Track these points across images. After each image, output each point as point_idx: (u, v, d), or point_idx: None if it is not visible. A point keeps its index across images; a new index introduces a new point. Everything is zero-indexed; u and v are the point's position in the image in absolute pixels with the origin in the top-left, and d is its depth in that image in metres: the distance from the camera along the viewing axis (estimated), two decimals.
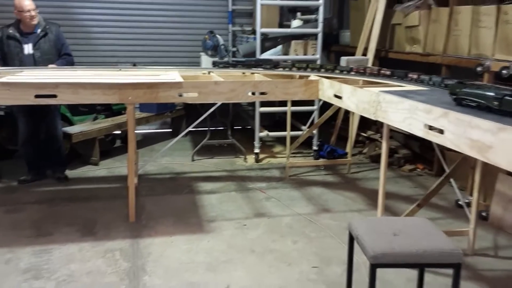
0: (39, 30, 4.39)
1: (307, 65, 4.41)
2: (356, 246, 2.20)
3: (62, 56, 4.51)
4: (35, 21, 4.35)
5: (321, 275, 3.01)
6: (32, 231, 3.58)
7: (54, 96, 3.43)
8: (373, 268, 1.79)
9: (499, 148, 1.98)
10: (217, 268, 3.07)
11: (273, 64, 4.50)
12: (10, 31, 4.33)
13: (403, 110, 2.70)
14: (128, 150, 3.72)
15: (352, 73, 4.10)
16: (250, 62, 4.62)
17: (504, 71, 3.80)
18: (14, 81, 3.40)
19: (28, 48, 4.34)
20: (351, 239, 2.03)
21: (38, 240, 3.43)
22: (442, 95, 2.76)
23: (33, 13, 4.31)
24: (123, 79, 3.61)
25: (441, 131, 2.36)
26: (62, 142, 4.76)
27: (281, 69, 4.45)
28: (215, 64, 4.65)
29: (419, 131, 2.55)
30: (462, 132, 2.20)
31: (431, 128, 2.46)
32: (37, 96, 3.41)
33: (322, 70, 4.28)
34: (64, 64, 4.46)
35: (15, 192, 4.41)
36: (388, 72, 3.79)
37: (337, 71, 4.20)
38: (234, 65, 4.60)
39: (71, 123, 5.29)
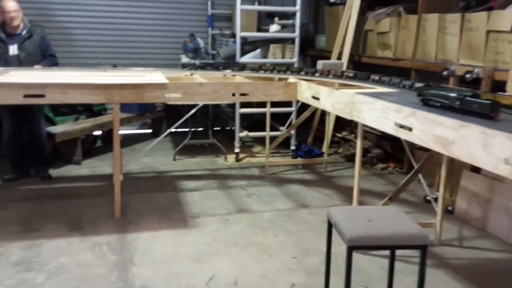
0: (24, 32, 4.48)
1: (274, 67, 4.61)
2: (332, 237, 2.41)
3: (47, 57, 4.61)
4: (15, 23, 4.42)
5: (301, 265, 3.21)
6: (20, 227, 3.67)
7: (42, 96, 3.55)
8: (350, 250, 2.01)
9: (460, 142, 2.22)
10: (202, 260, 3.24)
11: (239, 66, 4.67)
12: None
13: (376, 110, 2.93)
14: (113, 148, 3.85)
15: (317, 74, 4.34)
16: (218, 64, 4.75)
17: (467, 75, 4.10)
18: (3, 81, 3.50)
19: (13, 49, 4.43)
20: (330, 226, 2.24)
21: (27, 235, 3.53)
22: (411, 96, 3.00)
23: (13, 14, 4.38)
24: (110, 80, 3.74)
25: (409, 129, 2.59)
26: (46, 142, 4.85)
27: (248, 71, 4.61)
28: (184, 66, 4.72)
29: (390, 129, 2.79)
30: (428, 129, 2.44)
31: (401, 126, 2.69)
32: (26, 96, 3.51)
33: (288, 72, 4.50)
34: (48, 65, 4.56)
35: (0, 190, 4.47)
36: (351, 74, 4.08)
37: (303, 73, 4.43)
38: (203, 67, 4.69)
39: (53, 123, 5.37)
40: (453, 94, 2.43)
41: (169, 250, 3.37)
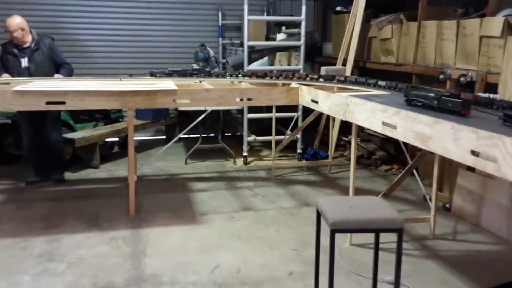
0: (32, 45, 4.80)
1: (239, 72, 4.91)
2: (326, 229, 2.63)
3: (62, 66, 4.92)
4: (18, 41, 4.72)
5: (299, 256, 3.45)
6: (43, 224, 3.99)
7: (63, 102, 3.87)
8: (333, 233, 2.24)
9: (436, 138, 2.45)
10: (208, 251, 3.51)
11: (207, 73, 4.90)
12: (9, 46, 4.79)
13: (366, 110, 3.17)
14: (128, 149, 4.16)
15: (282, 77, 4.73)
16: (186, 71, 4.93)
17: (462, 78, 4.31)
18: (27, 89, 3.83)
19: (24, 62, 4.75)
20: (318, 214, 2.48)
21: (48, 231, 3.85)
22: (399, 98, 3.23)
23: (15, 34, 4.67)
24: (124, 88, 4.06)
25: (394, 127, 2.83)
26: (62, 147, 5.14)
27: (214, 77, 4.87)
28: (152, 74, 4.87)
29: (378, 128, 3.02)
30: (410, 126, 2.67)
31: (387, 124, 2.92)
32: (48, 103, 3.84)
33: (253, 77, 4.80)
34: (67, 73, 4.88)
35: (24, 192, 4.82)
36: (315, 76, 4.58)
37: (268, 78, 4.79)
38: (170, 74, 4.88)
39: (73, 130, 5.71)
40: (432, 94, 2.66)
41: (178, 243, 3.64)
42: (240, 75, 4.93)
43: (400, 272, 2.33)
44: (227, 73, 4.96)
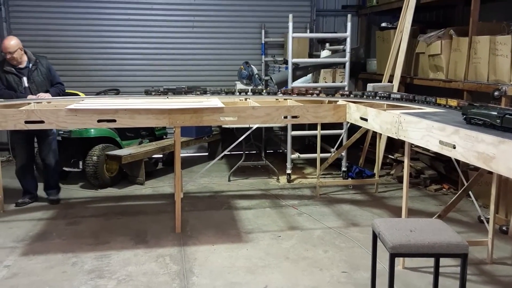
0: (30, 65, 4.81)
1: (235, 90, 4.91)
2: (379, 252, 2.54)
3: (55, 85, 4.93)
4: (14, 62, 4.71)
5: (350, 279, 3.34)
6: (92, 240, 4.04)
7: (114, 120, 3.95)
8: (392, 257, 2.15)
9: (500, 158, 2.33)
10: (256, 271, 3.45)
11: (202, 91, 4.88)
12: (6, 66, 4.71)
13: (421, 129, 3.06)
14: (175, 167, 4.18)
15: (323, 94, 4.73)
16: (181, 89, 4.88)
17: None
18: (80, 108, 3.93)
19: (25, 82, 4.75)
20: (374, 236, 2.39)
21: (98, 247, 3.89)
22: (455, 116, 3.11)
23: (15, 55, 4.64)
24: (172, 105, 4.10)
25: (453, 146, 2.71)
26: (58, 168, 5.15)
27: (209, 94, 4.85)
28: (147, 93, 4.82)
29: (435, 147, 2.91)
30: (470, 146, 2.55)
31: (445, 144, 2.81)
32: (99, 121, 3.93)
33: (293, 95, 4.80)
34: (57, 92, 4.86)
35: (72, 208, 4.92)
36: (359, 93, 4.58)
37: (309, 95, 4.79)
38: (166, 92, 4.81)
39: (120, 147, 5.82)
40: (494, 113, 2.54)
41: (225, 262, 3.60)
42: (279, 92, 4.93)
43: None
44: (264, 91, 4.95)
